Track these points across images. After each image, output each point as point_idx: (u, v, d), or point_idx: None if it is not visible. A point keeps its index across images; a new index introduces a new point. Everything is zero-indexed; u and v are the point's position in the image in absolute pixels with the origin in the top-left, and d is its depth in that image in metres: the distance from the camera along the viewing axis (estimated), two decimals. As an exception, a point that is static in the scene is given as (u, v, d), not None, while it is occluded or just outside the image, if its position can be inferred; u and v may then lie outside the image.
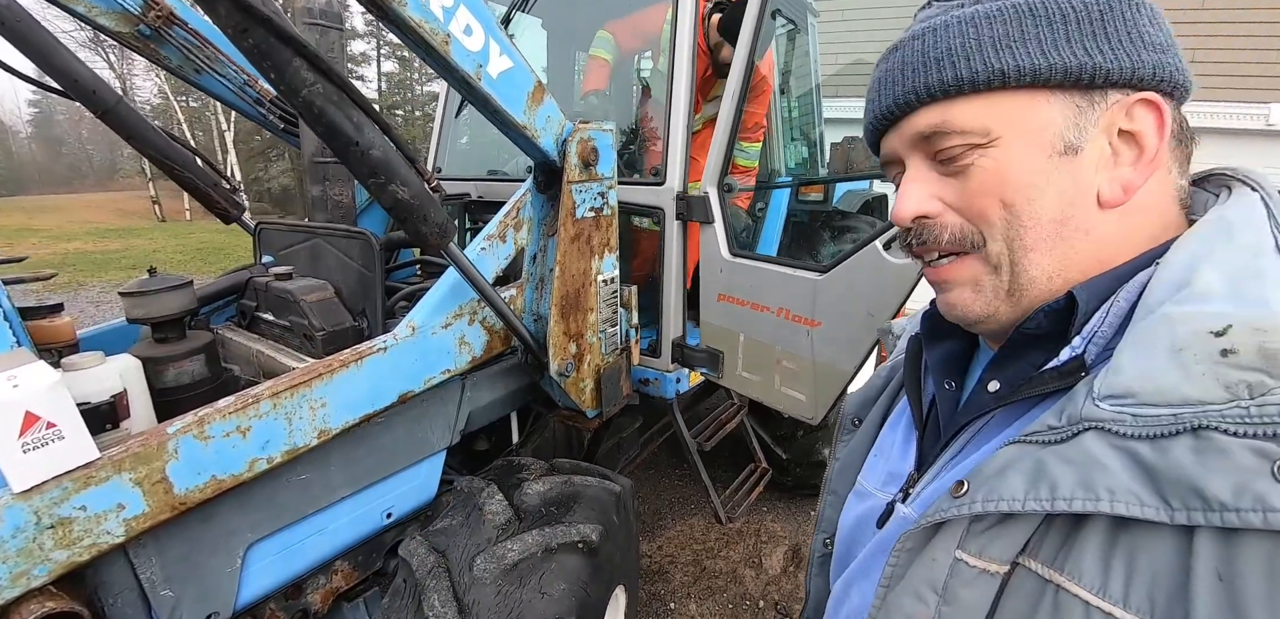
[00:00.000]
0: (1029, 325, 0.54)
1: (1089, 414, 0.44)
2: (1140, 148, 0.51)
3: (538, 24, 3.34)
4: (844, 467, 0.81)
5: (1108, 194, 0.51)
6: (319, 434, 1.40)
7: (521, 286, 1.82)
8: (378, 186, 1.24)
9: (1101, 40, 0.50)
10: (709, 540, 3.37)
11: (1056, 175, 0.51)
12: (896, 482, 0.67)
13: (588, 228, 1.78)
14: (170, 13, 1.81)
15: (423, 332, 1.59)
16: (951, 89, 0.53)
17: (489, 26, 1.41)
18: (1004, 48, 0.51)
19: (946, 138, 0.55)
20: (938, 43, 0.54)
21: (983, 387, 0.58)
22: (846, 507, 0.75)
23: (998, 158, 0.53)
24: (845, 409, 0.87)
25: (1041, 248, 0.53)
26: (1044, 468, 0.45)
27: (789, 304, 1.77)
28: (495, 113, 1.51)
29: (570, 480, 1.58)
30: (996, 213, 0.54)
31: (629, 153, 2.97)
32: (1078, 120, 0.51)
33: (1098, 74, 0.49)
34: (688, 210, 2.01)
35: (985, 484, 0.48)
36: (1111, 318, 0.50)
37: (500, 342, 1.82)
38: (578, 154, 1.66)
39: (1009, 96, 0.52)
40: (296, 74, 1.03)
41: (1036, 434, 0.47)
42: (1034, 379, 0.52)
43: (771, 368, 1.90)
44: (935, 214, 0.57)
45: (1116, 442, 0.42)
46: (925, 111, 0.56)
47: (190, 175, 1.97)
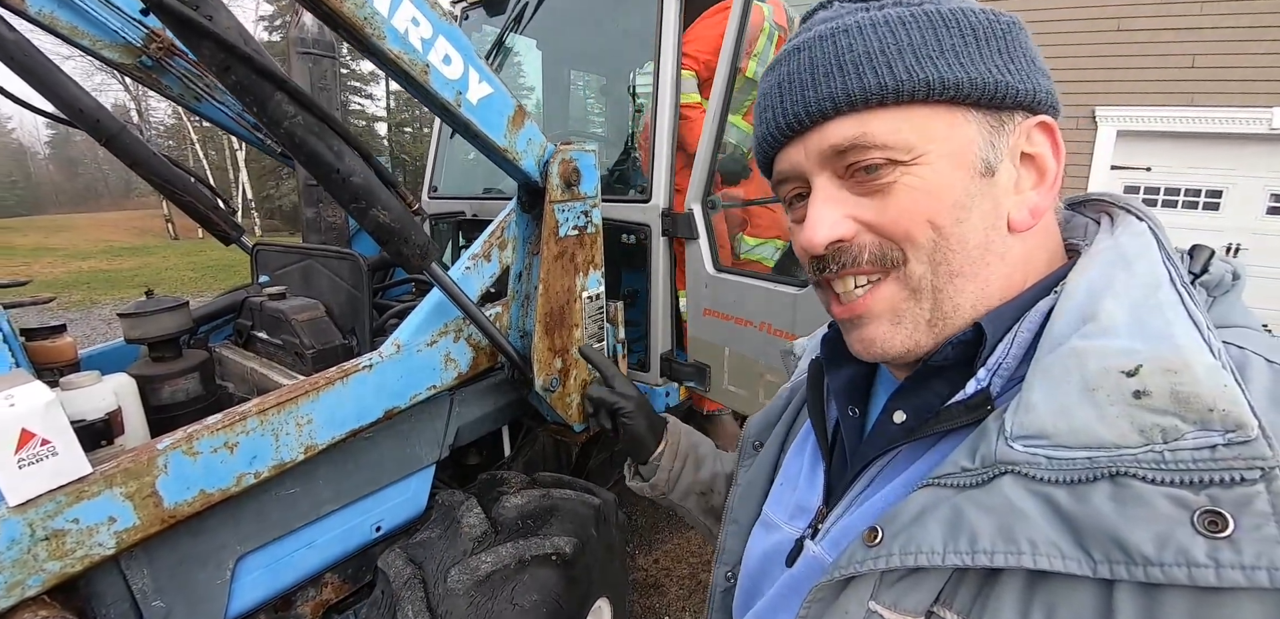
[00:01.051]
0: (937, 357, 0.52)
1: (1004, 456, 0.42)
2: (1041, 171, 0.50)
3: (533, 45, 3.42)
4: (745, 493, 0.77)
5: (1017, 218, 0.50)
6: (305, 450, 1.44)
7: (507, 304, 1.87)
8: (359, 211, 1.29)
9: (1007, 60, 0.48)
10: (705, 554, 3.38)
11: (979, 197, 0.49)
12: (804, 515, 0.64)
13: (571, 246, 1.82)
14: (171, 45, 1.88)
15: (408, 349, 1.64)
16: (873, 98, 0.48)
17: (467, 55, 1.46)
18: (925, 58, 0.47)
19: (866, 153, 0.49)
20: (852, 46, 0.49)
21: (888, 416, 0.55)
22: (752, 538, 0.72)
23: (925, 176, 0.49)
24: (745, 432, 0.84)
25: (967, 274, 0.50)
26: (962, 517, 0.43)
27: (771, 318, 1.80)
28: (476, 137, 1.56)
29: (548, 494, 1.62)
30: (924, 233, 0.49)
31: (621, 169, 3.03)
32: (992, 140, 0.49)
33: (1008, 94, 0.48)
34: (673, 226, 2.05)
35: (902, 534, 0.45)
36: (1015, 349, 0.48)
37: (487, 358, 1.87)
38: (559, 174, 1.71)
39: (931, 111, 0.48)
40: (278, 107, 1.09)
41: (950, 477, 0.45)
42: (942, 413, 0.50)
43: (756, 382, 1.93)
44: (851, 237, 0.52)
45: (1034, 487, 0.40)
46: (839, 122, 0.50)
47: (191, 198, 2.04)
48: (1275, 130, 6.00)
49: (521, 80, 3.73)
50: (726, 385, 2.03)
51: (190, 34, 0.96)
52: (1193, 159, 6.44)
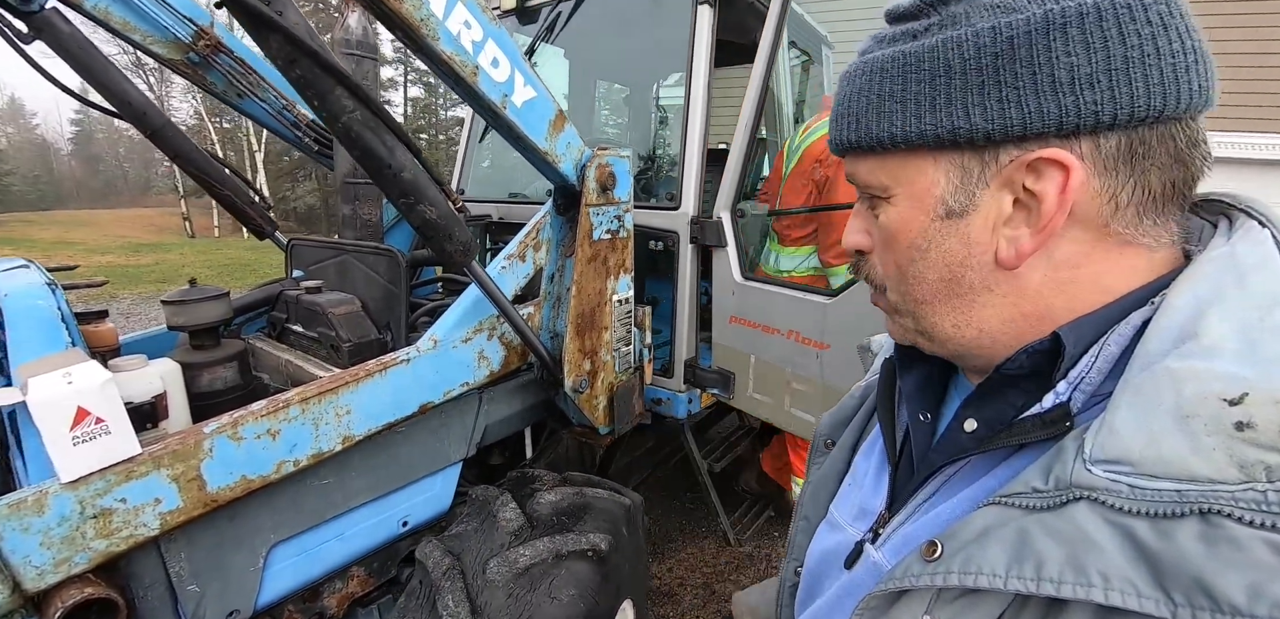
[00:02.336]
0: (1009, 366, 0.50)
1: (1080, 480, 0.39)
2: (1038, 210, 0.46)
3: (561, 54, 3.47)
4: (815, 491, 0.77)
5: (1003, 254, 0.48)
6: (343, 440, 1.46)
7: (539, 304, 1.89)
8: (407, 206, 1.31)
9: (989, 94, 0.45)
10: (719, 564, 3.37)
11: (940, 238, 0.50)
12: (867, 518, 0.63)
13: (604, 249, 1.84)
14: (217, 42, 1.93)
15: (444, 345, 1.66)
16: (851, 148, 0.55)
17: (514, 59, 1.49)
18: (883, 113, 0.50)
19: (860, 187, 0.57)
20: (845, 97, 0.55)
21: (959, 424, 0.53)
22: (817, 536, 0.71)
23: (891, 215, 0.53)
24: (818, 430, 0.83)
25: (934, 303, 0.52)
26: (1029, 540, 0.40)
27: (799, 327, 1.81)
28: (519, 139, 1.59)
29: (582, 492, 1.63)
30: (890, 267, 0.55)
31: (646, 178, 3.05)
32: (962, 183, 0.48)
33: (975, 135, 0.46)
34: (702, 234, 2.07)
35: (962, 552, 0.43)
36: (1101, 362, 0.45)
37: (517, 357, 1.89)
38: (596, 178, 1.74)
39: (897, 158, 0.51)
40: (338, 101, 1.12)
41: (1019, 497, 0.42)
42: (1015, 426, 0.48)
43: (782, 389, 1.94)
44: (867, 249, 0.58)
45: (1111, 516, 0.37)
46: (846, 160, 0.58)
47: (228, 193, 2.08)
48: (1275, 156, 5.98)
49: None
50: (751, 392, 2.04)
51: (261, 28, 0.99)
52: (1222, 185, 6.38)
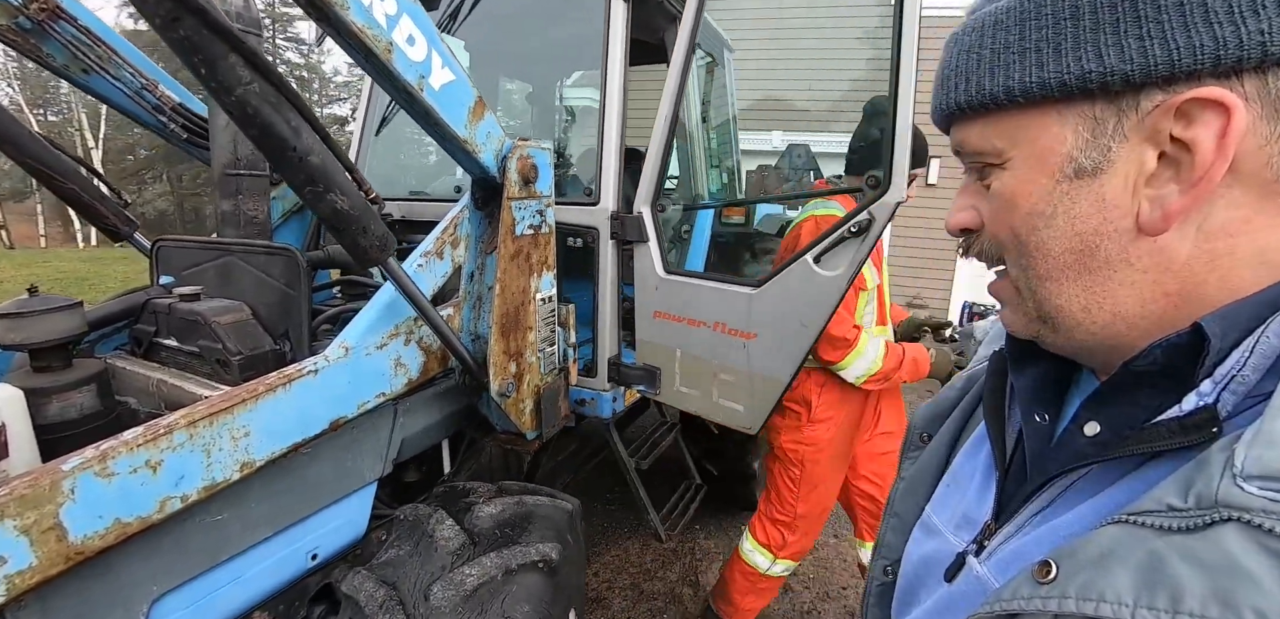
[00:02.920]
0: (1140, 362, 0.44)
1: (1229, 499, 0.33)
2: (1192, 160, 0.40)
3: (462, 46, 3.31)
4: (909, 487, 0.71)
5: (1146, 218, 0.42)
6: (242, 467, 1.28)
7: (459, 305, 1.77)
8: (315, 195, 1.17)
9: (1129, 30, 0.39)
10: (645, 562, 3.37)
11: (1068, 202, 0.45)
12: (970, 527, 0.57)
13: (526, 245, 1.76)
14: (56, 6, 1.63)
15: (357, 352, 1.51)
16: (960, 111, 0.50)
17: (431, 38, 1.38)
18: (999, 66, 0.46)
19: (968, 157, 0.52)
20: (951, 59, 0.50)
21: (1079, 427, 0.48)
22: (913, 539, 0.66)
23: (1006, 181, 0.48)
24: (913, 422, 0.77)
25: (1058, 279, 0.47)
26: (1162, 566, 0.34)
27: (725, 318, 1.83)
28: (436, 126, 1.48)
29: (522, 501, 1.54)
30: (1007, 239, 0.50)
31: (557, 176, 2.98)
32: (1094, 136, 0.43)
33: (1111, 78, 0.40)
34: (622, 229, 2.04)
35: (1081, 574, 0.38)
36: (1257, 358, 0.39)
37: (437, 363, 1.76)
38: (518, 171, 1.66)
39: (1014, 116, 0.46)
40: (231, 71, 0.97)
41: (1151, 515, 0.37)
42: (1145, 431, 0.42)
43: (709, 381, 1.95)
44: (974, 226, 0.54)
45: (1269, 543, 0.32)
46: (952, 128, 0.53)
47: (73, 187, 1.77)
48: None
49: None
50: (678, 386, 2.04)
51: (135, -20, 0.84)
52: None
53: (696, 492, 2.82)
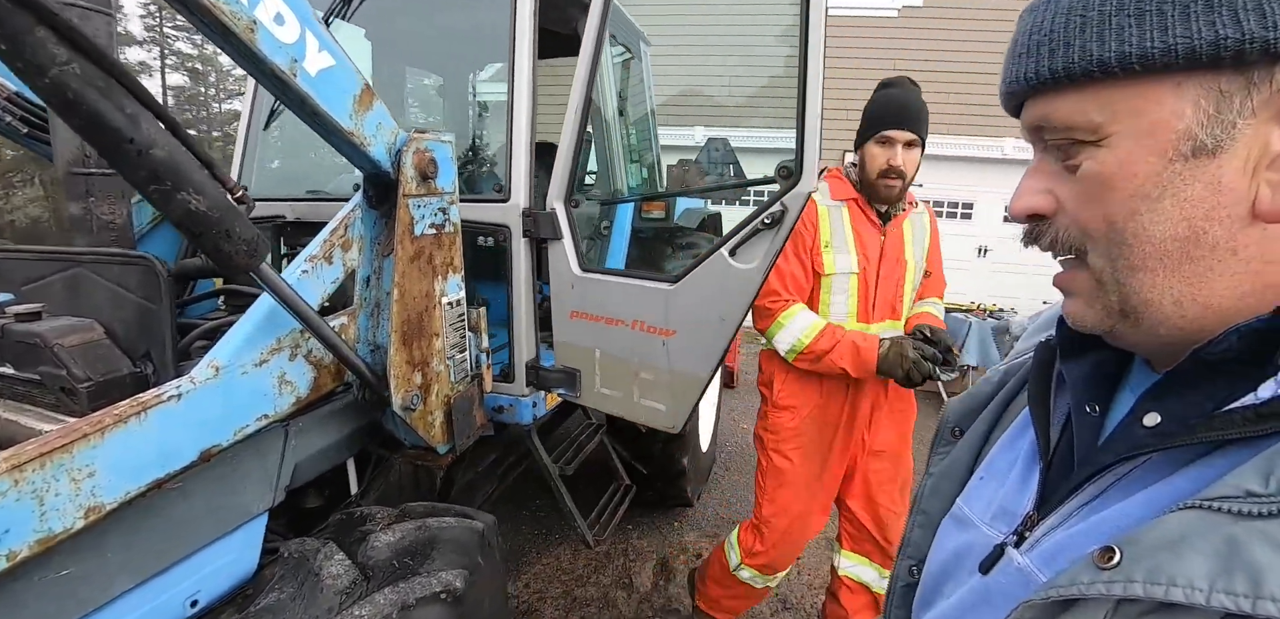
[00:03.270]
0: (1213, 349, 0.43)
1: None
2: None
3: (362, 35, 3.10)
4: (938, 484, 0.69)
5: (1268, 204, 0.40)
6: (87, 513, 1.11)
7: (354, 314, 1.63)
8: (162, 195, 1.02)
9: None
10: (577, 569, 3.28)
11: (1179, 183, 0.41)
12: (1009, 519, 0.55)
13: (428, 246, 1.64)
14: None
15: (230, 371, 1.35)
16: (1048, 82, 0.46)
17: (305, 17, 1.25)
18: (1111, 29, 0.41)
19: (1052, 134, 0.48)
20: (1041, 23, 0.46)
21: (1136, 419, 0.47)
22: (942, 531, 0.64)
23: (1104, 160, 0.44)
24: (945, 417, 0.74)
25: (1154, 269, 0.44)
26: (1241, 550, 0.34)
27: (643, 316, 1.78)
28: (315, 116, 1.34)
29: (424, 524, 1.42)
30: (1098, 225, 0.46)
31: (468, 172, 2.85)
32: (1218, 111, 0.40)
33: (1249, 47, 0.37)
34: (535, 227, 1.95)
35: (1149, 558, 0.37)
36: None
37: (331, 378, 1.61)
38: (414, 165, 1.54)
39: (1119, 87, 0.43)
40: (40, 48, 0.81)
41: (1228, 500, 0.36)
42: (1216, 418, 0.41)
43: (630, 381, 1.89)
44: (1048, 211, 0.50)
45: None
46: (1031, 104, 0.49)
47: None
48: (1005, 155, 7.48)
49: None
50: (599, 388, 1.97)
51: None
52: (951, 178, 7.79)
53: (625, 493, 2.76)
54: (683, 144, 7.32)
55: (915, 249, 2.13)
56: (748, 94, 7.46)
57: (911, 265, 2.12)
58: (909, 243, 2.11)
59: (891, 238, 2.07)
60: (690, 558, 3.35)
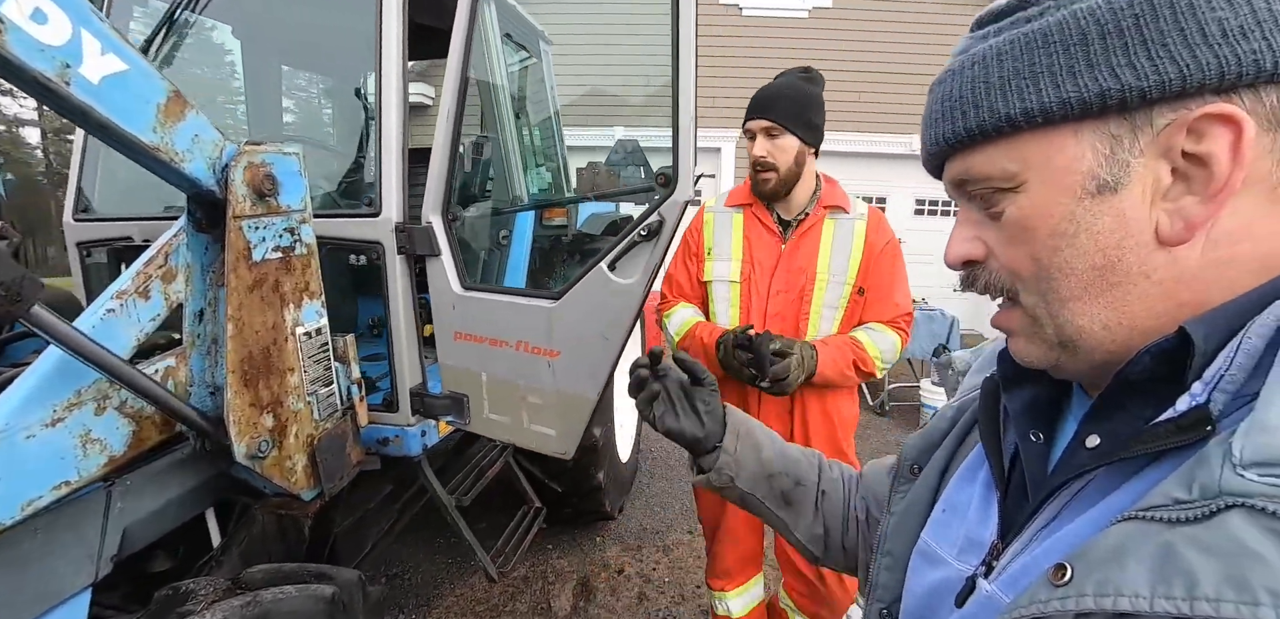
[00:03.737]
0: (1132, 370, 0.46)
1: (1232, 486, 0.36)
2: (1208, 173, 0.42)
3: (229, 32, 2.81)
4: (901, 522, 0.70)
5: (1167, 230, 0.44)
6: None
7: (184, 354, 1.42)
8: None
9: (1136, 52, 0.42)
10: (492, 598, 3.11)
11: (1090, 218, 0.46)
12: (976, 550, 0.57)
13: (273, 273, 1.45)
14: None
15: (9, 435, 1.13)
16: (964, 140, 0.51)
17: (79, 15, 1.05)
18: (1011, 89, 0.47)
19: (973, 185, 0.52)
20: (950, 91, 0.51)
21: (1080, 441, 0.49)
22: (913, 571, 0.65)
23: (1022, 204, 0.49)
24: (903, 454, 0.76)
25: (1082, 298, 0.48)
26: (1175, 556, 0.36)
27: (526, 336, 1.65)
28: (107, 131, 1.14)
29: (257, 599, 1.24)
30: (1025, 265, 0.50)
31: (353, 181, 2.63)
32: (1112, 152, 0.44)
33: (1128, 95, 0.42)
34: (410, 243, 1.78)
35: (1097, 571, 0.39)
36: (1242, 358, 0.41)
37: (157, 429, 1.40)
38: (247, 182, 1.35)
39: (1026, 138, 0.47)
40: None
41: (1158, 509, 0.38)
42: (1145, 433, 0.44)
43: (518, 406, 1.76)
44: (979, 256, 0.54)
45: (1273, 525, 0.34)
46: (950, 162, 0.54)
47: None
48: (914, 151, 7.81)
49: (235, 79, 3.05)
50: (488, 414, 1.83)
51: None
52: (864, 173, 8.04)
53: (535, 516, 2.63)
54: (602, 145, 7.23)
55: (833, 259, 1.81)
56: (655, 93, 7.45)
57: (823, 278, 1.81)
58: (825, 252, 1.82)
59: (795, 246, 1.83)
60: (612, 574, 3.24)
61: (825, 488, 0.95)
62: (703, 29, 6.81)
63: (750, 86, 1.87)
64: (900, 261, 1.87)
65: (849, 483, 0.96)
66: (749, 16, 7.47)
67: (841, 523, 0.93)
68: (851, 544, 0.93)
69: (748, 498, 0.95)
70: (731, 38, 7.46)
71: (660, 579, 3.23)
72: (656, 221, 1.40)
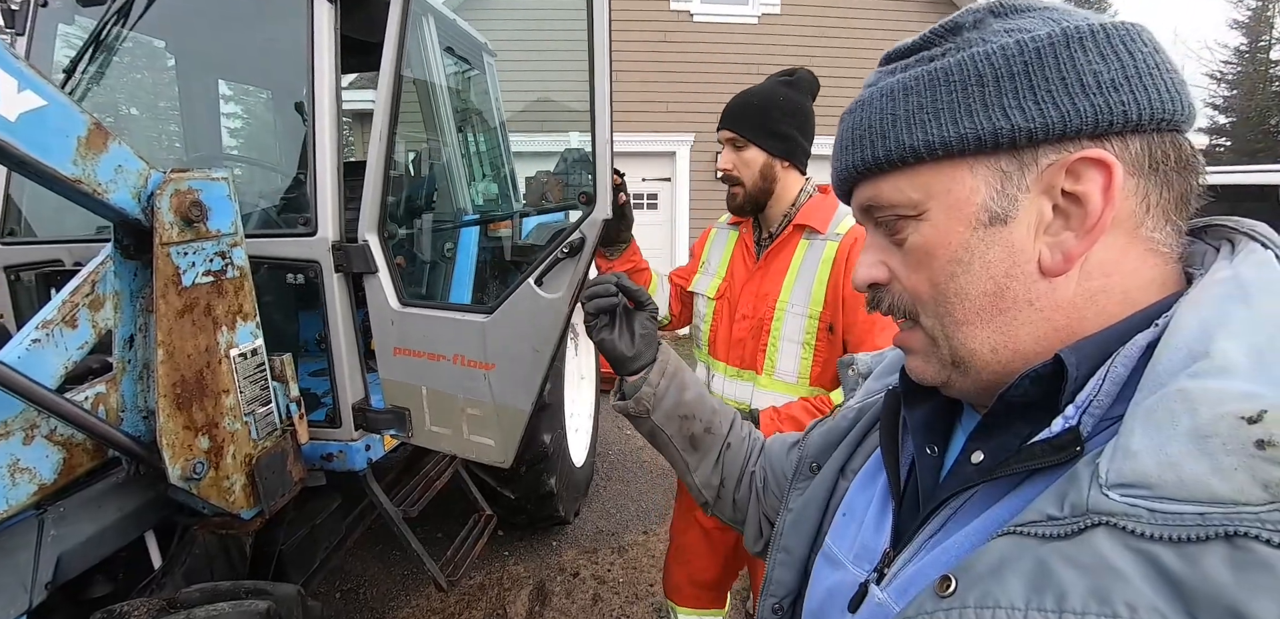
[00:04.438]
0: (1013, 393, 0.49)
1: (1098, 506, 0.38)
2: (1084, 211, 0.46)
3: (162, 47, 2.78)
4: (797, 519, 0.73)
5: (1048, 261, 0.48)
6: None
7: (115, 380, 1.43)
8: None
9: (1024, 96, 0.46)
10: (448, 607, 3.13)
11: (983, 248, 0.49)
12: (870, 557, 0.60)
13: (205, 296, 1.48)
14: None
15: (-70, 470, 1.14)
16: (871, 168, 0.53)
17: (-9, 53, 1.07)
18: (915, 123, 0.50)
19: (880, 212, 0.55)
20: (860, 121, 0.54)
21: (966, 458, 0.52)
22: (816, 572, 0.67)
23: (924, 232, 0.52)
24: (804, 452, 0.78)
25: (974, 322, 0.51)
26: (1048, 571, 0.38)
27: (463, 350, 1.71)
28: (27, 168, 1.16)
29: (190, 617, 1.27)
30: (924, 289, 0.53)
31: (294, 198, 2.63)
32: (1003, 187, 0.48)
33: (1017, 135, 0.46)
34: (347, 261, 1.82)
35: (978, 585, 0.41)
36: (1109, 385, 0.44)
37: (89, 455, 1.41)
38: (173, 209, 1.37)
39: (928, 170, 0.50)
40: None
41: (1033, 525, 0.41)
42: (1023, 451, 0.47)
43: (459, 417, 1.82)
44: (884, 280, 0.57)
45: (1133, 544, 0.36)
46: (859, 188, 0.56)
47: None
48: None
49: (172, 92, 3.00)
50: (429, 427, 1.88)
51: None
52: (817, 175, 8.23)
53: (486, 524, 2.67)
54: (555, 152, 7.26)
55: (796, 287, 1.55)
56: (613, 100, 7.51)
57: (782, 307, 1.55)
58: (789, 278, 1.57)
59: (764, 268, 1.62)
60: (567, 577, 3.30)
61: (731, 441, 0.99)
62: (655, 35, 6.89)
63: (702, 92, 1.93)
64: None
65: (753, 444, 0.99)
66: (700, 22, 7.59)
67: (737, 478, 0.97)
68: (743, 500, 0.96)
69: (658, 432, 0.99)
70: (684, 43, 7.58)
71: (615, 580, 3.30)
72: (579, 239, 1.47)
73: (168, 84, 2.89)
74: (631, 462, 4.63)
